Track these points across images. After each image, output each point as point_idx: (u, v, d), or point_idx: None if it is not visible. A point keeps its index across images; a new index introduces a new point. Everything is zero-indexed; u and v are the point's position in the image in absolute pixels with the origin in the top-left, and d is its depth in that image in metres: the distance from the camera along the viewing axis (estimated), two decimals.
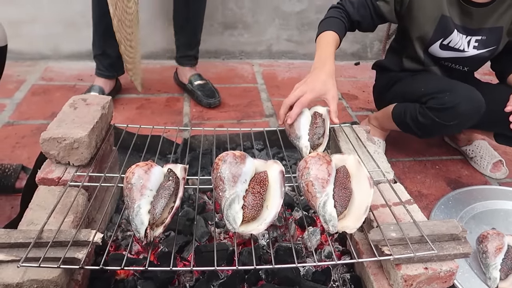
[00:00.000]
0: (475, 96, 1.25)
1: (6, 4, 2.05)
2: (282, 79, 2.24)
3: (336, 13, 1.33)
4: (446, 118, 1.26)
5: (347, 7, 1.34)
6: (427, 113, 1.28)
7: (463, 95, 1.25)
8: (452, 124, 1.27)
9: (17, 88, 1.94)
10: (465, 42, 1.32)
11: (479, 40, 1.32)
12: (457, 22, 1.29)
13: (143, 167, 0.77)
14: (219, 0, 2.24)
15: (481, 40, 1.32)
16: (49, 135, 0.90)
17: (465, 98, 1.24)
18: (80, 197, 0.87)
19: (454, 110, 1.24)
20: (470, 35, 1.31)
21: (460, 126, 1.33)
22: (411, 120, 1.36)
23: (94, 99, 1.07)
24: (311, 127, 1.06)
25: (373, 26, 1.39)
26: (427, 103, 1.29)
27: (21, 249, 0.71)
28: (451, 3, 1.28)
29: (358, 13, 1.33)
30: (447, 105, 1.24)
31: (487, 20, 1.28)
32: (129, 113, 1.82)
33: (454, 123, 1.26)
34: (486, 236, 1.08)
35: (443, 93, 1.26)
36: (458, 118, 1.25)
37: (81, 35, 2.13)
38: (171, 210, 0.74)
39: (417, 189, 1.46)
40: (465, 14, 1.27)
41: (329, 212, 0.76)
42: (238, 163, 0.81)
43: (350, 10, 1.33)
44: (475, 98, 1.25)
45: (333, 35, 1.27)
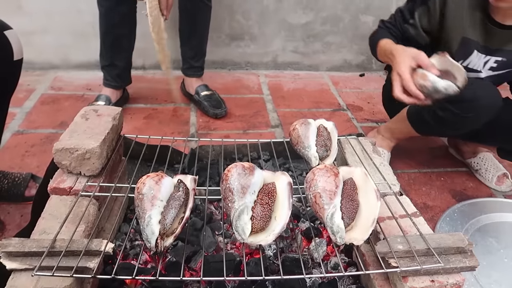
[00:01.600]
0: (493, 90, 1.27)
1: (18, 15, 2.09)
2: (288, 90, 2.26)
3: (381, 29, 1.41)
4: (464, 109, 1.26)
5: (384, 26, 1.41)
6: (447, 106, 1.28)
7: (482, 88, 1.26)
8: (470, 116, 1.27)
9: (26, 97, 1.97)
10: (482, 62, 1.33)
11: (499, 61, 1.31)
12: (479, 41, 1.29)
13: (154, 177, 0.79)
14: (226, 12, 2.27)
15: (501, 61, 1.31)
16: (61, 146, 0.91)
17: (484, 91, 1.26)
18: (91, 207, 0.88)
19: (473, 102, 1.24)
20: (490, 55, 1.31)
21: (478, 120, 1.31)
22: (429, 116, 1.35)
23: (105, 110, 1.10)
24: (318, 139, 1.08)
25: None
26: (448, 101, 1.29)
27: (34, 258, 0.72)
28: (475, 24, 1.27)
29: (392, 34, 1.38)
30: (467, 96, 1.21)
31: (508, 43, 1.27)
32: (136, 122, 1.84)
33: (472, 115, 1.27)
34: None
35: None
36: (476, 110, 1.26)
37: (91, 46, 2.16)
38: (181, 221, 0.75)
39: (422, 201, 1.47)
40: (489, 35, 1.27)
41: (336, 223, 0.77)
42: (247, 174, 0.82)
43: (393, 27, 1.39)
44: (493, 92, 1.26)
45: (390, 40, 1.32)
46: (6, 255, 0.72)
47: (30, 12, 2.12)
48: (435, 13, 1.30)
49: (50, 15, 2.15)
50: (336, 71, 2.53)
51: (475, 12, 1.26)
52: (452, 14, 1.28)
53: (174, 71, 2.32)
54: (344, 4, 2.34)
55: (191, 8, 1.80)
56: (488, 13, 1.24)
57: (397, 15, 1.39)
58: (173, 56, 2.31)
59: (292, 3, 2.31)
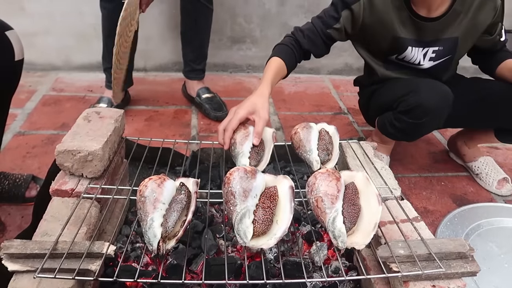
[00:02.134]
0: (439, 88, 1.29)
1: (21, 17, 2.10)
2: (289, 93, 2.27)
3: (288, 41, 1.35)
4: (417, 117, 1.30)
5: (297, 36, 1.35)
6: (401, 117, 1.34)
7: (426, 90, 1.29)
8: (425, 121, 1.31)
9: (28, 98, 1.98)
10: (421, 55, 1.37)
11: (436, 51, 1.36)
12: (411, 37, 1.33)
13: (156, 180, 0.79)
14: (228, 15, 2.28)
15: (438, 50, 1.36)
16: (64, 148, 0.92)
17: (428, 92, 1.28)
18: (93, 209, 0.88)
19: (421, 107, 1.28)
20: (427, 47, 1.35)
21: (435, 121, 1.35)
22: (391, 128, 1.41)
23: (107, 112, 1.10)
24: (319, 142, 1.08)
25: (327, 50, 1.41)
26: (398, 108, 1.35)
27: (36, 260, 0.72)
28: (404, 22, 1.31)
29: (308, 42, 1.34)
30: (413, 104, 1.28)
31: (442, 32, 1.32)
32: (138, 124, 1.84)
33: (427, 119, 1.30)
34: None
35: (407, 95, 1.31)
36: (427, 113, 1.29)
37: (92, 47, 2.17)
38: (183, 224, 0.75)
39: (422, 205, 1.47)
40: (420, 29, 1.31)
41: (338, 228, 0.77)
42: (249, 178, 0.82)
43: (300, 39, 1.34)
44: (438, 90, 1.29)
45: (278, 61, 1.27)
46: (8, 257, 0.72)
47: (32, 13, 2.13)
48: (359, 16, 1.31)
49: (52, 17, 2.16)
50: (337, 74, 2.54)
51: (401, 11, 1.29)
52: (379, 16, 1.30)
53: (175, 73, 2.34)
54: None
55: (193, 11, 1.81)
56: (413, 10, 1.28)
57: (316, 22, 1.35)
58: (175, 58, 2.33)
59: (294, 7, 2.32)
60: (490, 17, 1.31)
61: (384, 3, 1.29)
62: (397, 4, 1.29)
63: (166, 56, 2.34)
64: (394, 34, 1.33)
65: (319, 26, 1.34)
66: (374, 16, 1.31)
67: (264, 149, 1.05)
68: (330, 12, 1.35)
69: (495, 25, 1.35)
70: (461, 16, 1.29)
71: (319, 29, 1.34)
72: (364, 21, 1.32)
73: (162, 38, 2.29)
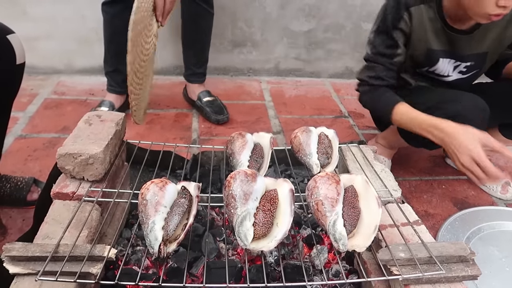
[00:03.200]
0: (479, 103, 1.28)
1: (23, 21, 2.11)
2: (290, 97, 2.27)
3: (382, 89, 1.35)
4: None
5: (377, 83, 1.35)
6: None
7: (466, 103, 1.27)
8: None
9: (30, 102, 1.98)
10: (451, 67, 1.36)
11: (468, 66, 1.36)
12: (444, 48, 1.32)
13: (158, 184, 0.79)
14: (229, 19, 2.29)
15: (469, 65, 1.36)
16: (65, 151, 0.92)
17: (470, 105, 1.27)
18: (94, 212, 0.88)
19: (460, 118, 1.24)
20: (460, 61, 1.35)
21: None
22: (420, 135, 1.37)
23: (108, 115, 1.10)
24: (319, 146, 1.08)
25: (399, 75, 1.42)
26: (434, 113, 1.30)
27: (38, 263, 0.73)
28: (437, 33, 1.30)
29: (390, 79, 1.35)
30: (453, 113, 1.24)
31: (474, 47, 1.31)
32: (138, 128, 1.84)
33: None
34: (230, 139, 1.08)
35: (445, 102, 1.29)
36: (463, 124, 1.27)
37: (94, 51, 2.18)
38: (184, 227, 0.75)
39: (423, 209, 1.47)
40: (453, 41, 1.30)
41: (339, 231, 0.78)
42: (250, 181, 0.83)
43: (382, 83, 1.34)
44: (479, 105, 1.27)
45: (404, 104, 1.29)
46: (9, 259, 0.73)
47: (34, 17, 2.14)
48: (408, 33, 1.30)
49: (54, 21, 2.17)
50: (338, 78, 2.54)
51: (435, 23, 1.28)
52: (417, 29, 1.30)
53: (176, 76, 2.34)
54: (346, 12, 2.36)
55: (194, 15, 1.82)
56: (446, 22, 1.28)
57: (380, 60, 1.34)
58: (176, 62, 2.34)
59: (295, 11, 2.33)
60: None
61: (420, 14, 1.28)
62: (431, 15, 1.27)
63: (166, 59, 2.35)
64: (428, 46, 1.32)
65: (386, 62, 1.33)
66: (416, 27, 1.30)
67: (263, 156, 1.05)
68: (385, 41, 1.32)
69: None
70: (491, 29, 1.28)
71: (388, 64, 1.33)
72: (412, 34, 1.31)
73: (162, 42, 2.29)
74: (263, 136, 1.11)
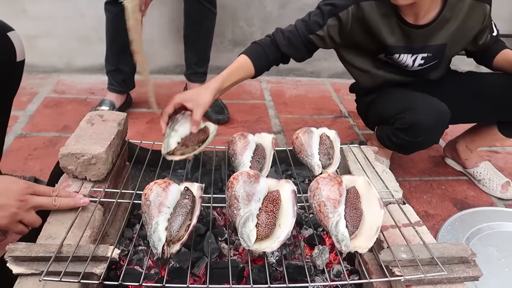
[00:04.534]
0: (435, 108, 1.28)
1: (22, 19, 2.10)
2: (290, 96, 2.27)
3: (264, 41, 1.32)
4: (413, 135, 1.31)
5: (277, 38, 1.32)
6: (398, 134, 1.34)
7: (422, 110, 1.28)
8: (421, 140, 1.31)
9: (30, 100, 1.98)
10: (410, 60, 1.36)
11: (425, 57, 1.35)
12: (400, 44, 1.32)
13: (161, 184, 0.79)
14: (230, 19, 2.29)
15: (427, 57, 1.35)
16: (67, 151, 0.92)
17: (424, 112, 1.27)
18: (97, 212, 0.88)
19: (418, 126, 1.28)
20: (415, 53, 1.34)
21: (430, 139, 1.36)
22: (388, 141, 1.41)
23: (110, 115, 1.10)
24: (320, 147, 1.08)
25: (309, 55, 1.38)
26: (394, 124, 1.35)
27: (41, 263, 0.73)
28: (392, 29, 1.29)
29: (288, 45, 1.31)
30: (410, 124, 1.28)
31: (430, 39, 1.31)
32: (139, 127, 1.85)
33: (422, 138, 1.31)
34: (232, 140, 1.09)
35: (404, 112, 1.30)
36: (423, 133, 1.29)
37: (94, 50, 2.18)
38: (188, 228, 0.76)
39: (423, 209, 1.48)
40: (409, 36, 1.30)
41: (341, 232, 0.78)
42: (252, 182, 0.83)
43: (280, 41, 1.31)
44: (434, 110, 1.28)
45: (244, 59, 1.27)
46: (13, 260, 0.73)
47: (34, 16, 2.14)
48: (347, 24, 1.29)
49: (54, 19, 2.17)
50: (338, 78, 2.54)
51: (389, 19, 1.28)
52: (367, 24, 1.29)
53: (177, 76, 2.34)
54: None
55: (197, 14, 1.82)
56: (401, 17, 1.27)
57: (299, 26, 1.32)
58: (176, 61, 2.34)
59: (295, 10, 2.33)
60: (479, 23, 1.31)
61: (372, 10, 1.26)
62: (385, 11, 1.26)
63: (167, 59, 2.35)
64: (382, 42, 1.31)
65: (301, 30, 1.30)
66: (362, 23, 1.29)
67: (265, 157, 1.06)
68: (316, 18, 1.30)
69: (484, 31, 1.35)
70: (450, 22, 1.28)
71: (301, 33, 1.30)
72: (351, 28, 1.29)
73: (163, 41, 2.30)
74: (265, 136, 1.12)
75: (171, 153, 1.03)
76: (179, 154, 1.00)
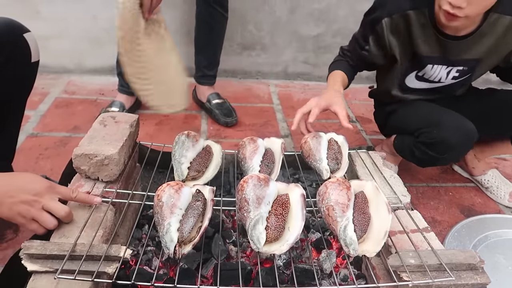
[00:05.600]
0: (464, 126, 1.27)
1: (35, 20, 2.13)
2: (298, 100, 2.28)
3: (340, 58, 1.48)
4: (438, 151, 1.30)
5: (344, 55, 1.47)
6: (421, 147, 1.33)
7: (451, 127, 1.27)
8: (445, 157, 1.31)
9: (41, 101, 2.01)
10: (444, 72, 1.36)
11: (460, 71, 1.35)
12: (435, 54, 1.32)
13: (174, 186, 0.81)
14: (239, 23, 2.31)
15: (462, 70, 1.35)
16: (81, 151, 0.94)
17: (452, 130, 1.27)
18: (109, 212, 0.90)
19: (444, 144, 1.27)
20: (451, 66, 1.34)
21: (455, 156, 1.38)
22: (408, 152, 1.41)
23: (123, 117, 1.12)
24: (329, 152, 1.09)
25: (368, 69, 1.49)
26: (419, 137, 1.34)
27: (55, 261, 0.74)
28: (428, 40, 1.30)
29: (351, 60, 1.44)
30: (436, 140, 1.27)
31: (466, 52, 1.31)
32: (148, 128, 1.87)
33: (447, 155, 1.30)
34: (241, 144, 1.10)
35: (431, 127, 1.30)
36: (449, 150, 1.29)
37: (105, 51, 2.20)
38: (199, 230, 0.77)
39: (430, 215, 1.48)
40: (445, 47, 1.30)
41: (349, 236, 0.79)
42: (262, 185, 0.84)
43: (346, 58, 1.45)
44: (463, 128, 1.27)
45: (340, 73, 1.40)
46: (28, 257, 0.74)
47: (47, 17, 2.17)
48: (383, 38, 1.32)
49: (66, 21, 2.19)
50: None
51: (426, 29, 1.28)
52: (401, 34, 1.30)
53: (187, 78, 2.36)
54: (355, 17, 2.36)
55: (208, 18, 1.83)
56: (438, 28, 1.27)
57: (353, 42, 1.43)
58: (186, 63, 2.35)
59: (304, 15, 2.34)
60: None
61: (407, 21, 1.28)
62: (423, 22, 1.27)
63: None
64: (416, 51, 1.32)
65: (354, 47, 1.42)
66: (397, 34, 1.31)
67: (274, 161, 1.07)
68: (361, 33, 1.39)
69: None
70: (486, 37, 1.27)
71: (354, 50, 1.42)
72: (389, 41, 1.32)
73: None
74: (274, 141, 1.13)
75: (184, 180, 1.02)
76: (190, 179, 0.99)
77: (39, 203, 0.81)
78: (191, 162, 1.02)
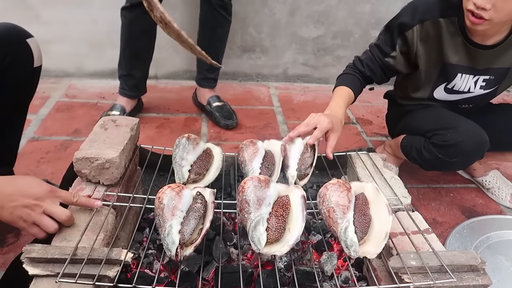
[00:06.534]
0: (478, 134, 1.27)
1: (36, 24, 2.14)
2: (298, 102, 2.29)
3: (351, 70, 1.42)
4: (449, 155, 1.29)
5: (357, 66, 1.41)
6: (431, 149, 1.32)
7: (466, 132, 1.26)
8: (455, 161, 1.30)
9: (42, 104, 2.01)
10: (472, 82, 1.35)
11: (487, 80, 1.34)
12: (463, 63, 1.31)
13: (175, 188, 0.81)
14: (239, 25, 2.31)
15: (489, 79, 1.34)
16: (82, 155, 0.94)
17: (468, 135, 1.26)
18: (110, 216, 0.90)
19: (456, 147, 1.26)
20: (478, 75, 1.33)
21: (463, 163, 1.36)
22: (416, 153, 1.39)
23: (123, 120, 1.12)
24: (301, 157, 1.10)
25: (386, 79, 1.45)
26: (431, 138, 1.32)
27: (56, 265, 0.74)
28: (457, 48, 1.29)
29: (368, 71, 1.39)
30: (450, 142, 1.26)
31: (494, 61, 1.30)
32: (149, 131, 1.87)
33: (457, 160, 1.29)
34: (241, 146, 1.11)
35: (446, 129, 1.29)
36: (460, 155, 1.28)
37: (105, 55, 2.21)
38: (200, 232, 0.77)
39: (431, 217, 1.47)
40: (472, 56, 1.29)
41: (350, 237, 0.79)
42: (263, 187, 0.84)
43: (360, 68, 1.40)
44: (478, 136, 1.27)
45: (346, 90, 1.34)
46: (29, 261, 0.74)
47: (47, 21, 2.17)
48: (412, 43, 1.31)
49: (67, 25, 2.20)
50: None
51: (455, 37, 1.28)
52: (430, 42, 1.30)
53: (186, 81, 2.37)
54: (355, 19, 2.38)
55: (212, 21, 1.84)
56: (467, 36, 1.26)
57: (374, 51, 1.39)
58: (186, 67, 2.37)
59: (304, 17, 2.35)
60: None
61: (437, 29, 1.27)
62: (452, 30, 1.27)
63: (177, 64, 2.38)
64: (445, 60, 1.31)
65: (377, 55, 1.38)
66: (426, 42, 1.30)
67: (274, 163, 1.07)
68: (386, 38, 1.36)
69: None
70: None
71: (377, 57, 1.38)
72: (417, 48, 1.31)
73: (173, 46, 2.31)
74: (274, 143, 1.13)
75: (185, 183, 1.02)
76: (191, 182, 1.00)
77: (40, 207, 0.81)
78: (192, 165, 1.02)
